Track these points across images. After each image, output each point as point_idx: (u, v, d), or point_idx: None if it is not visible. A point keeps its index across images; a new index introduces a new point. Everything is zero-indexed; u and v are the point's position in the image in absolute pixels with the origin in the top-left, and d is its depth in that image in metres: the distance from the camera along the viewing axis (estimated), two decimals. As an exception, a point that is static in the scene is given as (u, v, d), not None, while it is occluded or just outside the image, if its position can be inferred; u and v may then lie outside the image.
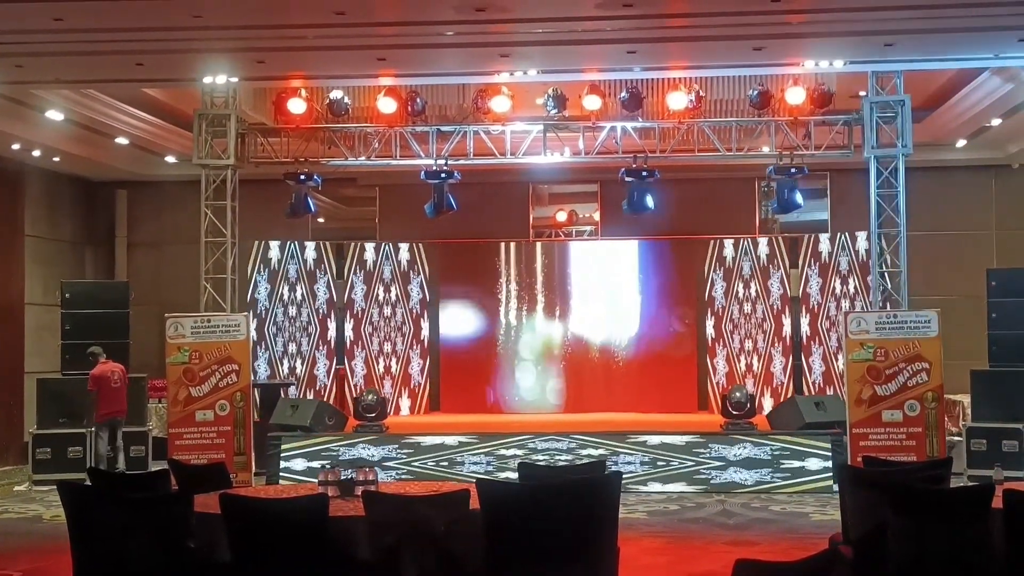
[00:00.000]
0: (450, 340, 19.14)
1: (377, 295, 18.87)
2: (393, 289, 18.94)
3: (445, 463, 14.54)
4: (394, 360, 18.83)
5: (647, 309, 18.92)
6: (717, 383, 18.36)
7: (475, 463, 14.50)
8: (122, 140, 17.53)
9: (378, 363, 18.74)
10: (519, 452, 14.43)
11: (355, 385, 18.43)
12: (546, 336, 18.92)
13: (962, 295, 17.02)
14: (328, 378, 18.56)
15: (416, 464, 14.54)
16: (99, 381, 14.41)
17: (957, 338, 15.02)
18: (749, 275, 18.51)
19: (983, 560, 6.48)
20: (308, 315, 18.51)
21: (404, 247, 19.02)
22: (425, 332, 19.02)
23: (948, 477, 8.06)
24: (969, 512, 6.59)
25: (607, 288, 19.01)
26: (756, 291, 18.44)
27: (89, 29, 11.45)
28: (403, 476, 14.32)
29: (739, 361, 18.43)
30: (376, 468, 8.36)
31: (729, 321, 18.56)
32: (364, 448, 14.69)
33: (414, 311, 18.98)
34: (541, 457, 14.40)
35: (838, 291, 17.98)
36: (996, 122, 16.76)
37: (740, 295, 18.51)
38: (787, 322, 18.30)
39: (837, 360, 17.36)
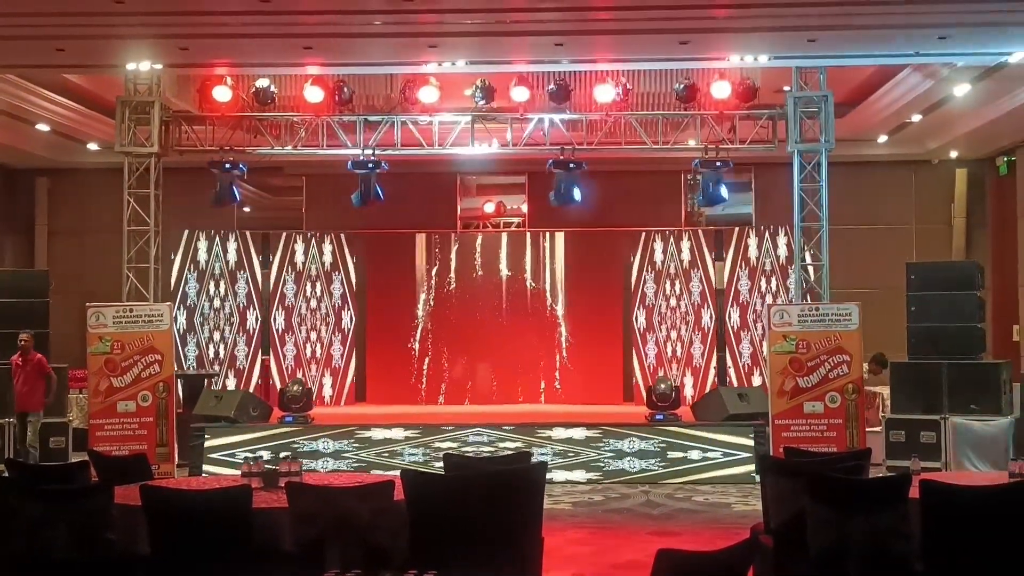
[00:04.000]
0: (376, 331, 19.07)
1: (303, 285, 18.76)
2: (319, 279, 18.83)
3: (372, 454, 14.50)
4: (320, 350, 18.73)
5: (574, 301, 18.99)
6: (642, 374, 18.45)
7: (406, 454, 14.47)
8: (43, 127, 17.26)
9: (304, 354, 18.63)
10: (451, 444, 14.42)
11: (282, 375, 18.31)
12: (472, 328, 18.91)
13: (882, 288, 17.29)
14: (253, 369, 18.41)
15: (349, 456, 14.51)
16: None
17: (877, 331, 15.24)
18: (675, 268, 18.63)
19: (900, 548, 6.59)
20: (232, 305, 18.36)
21: (331, 237, 18.90)
22: (351, 322, 18.92)
23: (867, 468, 8.18)
24: (886, 501, 6.71)
25: (534, 280, 19.05)
26: (681, 283, 18.58)
27: (9, 13, 11.24)
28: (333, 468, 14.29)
29: (664, 353, 18.55)
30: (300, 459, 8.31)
31: (655, 313, 18.68)
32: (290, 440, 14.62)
33: (340, 301, 18.88)
34: (451, 444, 14.39)
35: (761, 284, 18.19)
36: (916, 118, 17.05)
37: (666, 287, 18.63)
38: (712, 314, 18.47)
39: (760, 352, 17.56)
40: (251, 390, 17.65)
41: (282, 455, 10.16)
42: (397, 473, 6.92)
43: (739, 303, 18.38)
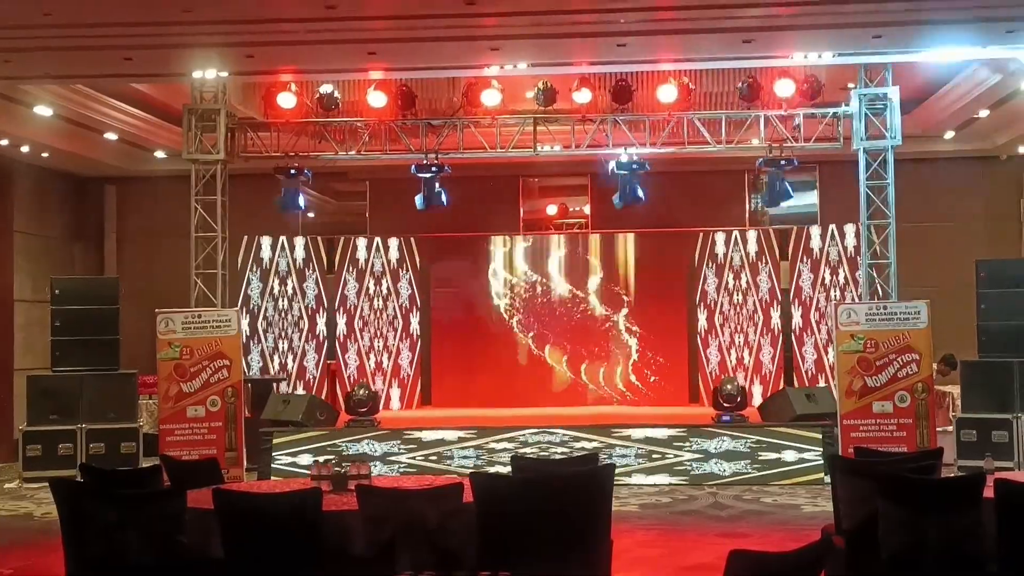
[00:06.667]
0: (441, 334, 19.12)
1: (368, 289, 18.85)
2: (384, 283, 18.92)
3: (435, 457, 14.54)
4: (385, 354, 18.81)
5: (638, 302, 18.92)
6: (708, 375, 18.36)
7: (465, 457, 14.50)
8: (111, 135, 17.52)
9: (369, 358, 18.72)
10: (510, 445, 14.43)
11: (347, 380, 18.41)
12: (537, 330, 18.91)
13: (951, 286, 17.04)
14: (319, 373, 18.53)
15: (407, 458, 14.55)
16: None
17: (946, 329, 15.05)
18: (739, 267, 18.52)
19: (974, 548, 6.51)
20: (299, 310, 18.49)
21: (394, 241, 18.98)
22: (416, 326, 19.00)
23: (939, 467, 8.08)
24: (961, 501, 6.62)
25: (598, 281, 19.01)
26: (746, 283, 18.46)
27: (78, 24, 11.41)
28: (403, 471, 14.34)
29: (730, 353, 18.44)
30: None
31: (720, 314, 18.57)
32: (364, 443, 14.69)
33: (405, 305, 18.96)
34: (532, 450, 14.40)
35: (828, 283, 18.02)
36: (984, 113, 16.83)
37: (730, 287, 18.52)
38: (777, 314, 18.32)
39: (827, 352, 17.40)
40: (319, 395, 17.78)
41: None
42: (467, 475, 6.94)
43: (805, 302, 18.21)
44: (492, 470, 13.77)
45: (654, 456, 14.34)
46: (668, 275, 19.03)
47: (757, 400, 17.23)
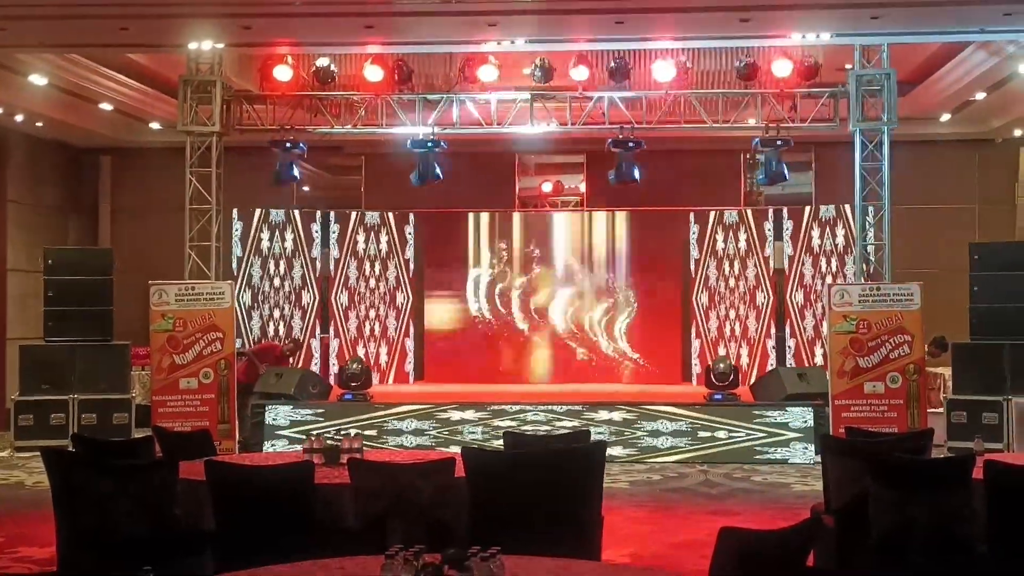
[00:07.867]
0: (434, 310, 19.13)
1: (361, 264, 18.83)
2: (378, 258, 18.90)
3: (433, 432, 14.59)
4: (378, 329, 18.81)
5: (632, 280, 18.94)
6: (701, 355, 18.38)
7: (467, 433, 14.55)
8: (106, 106, 17.44)
9: (362, 332, 18.72)
10: (500, 422, 14.46)
11: (339, 354, 18.41)
12: (531, 307, 18.92)
13: (944, 268, 17.06)
14: (312, 347, 18.53)
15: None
16: None
17: (939, 311, 15.08)
18: (733, 247, 18.52)
19: (963, 529, 6.53)
20: (292, 283, 18.47)
21: (389, 216, 18.95)
22: (409, 301, 18.99)
23: (929, 448, 8.11)
24: (950, 482, 6.64)
25: (592, 259, 19.01)
26: (740, 263, 18.46)
27: (74, -7, 11.38)
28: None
29: (723, 332, 18.46)
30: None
31: (713, 292, 18.57)
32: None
33: (398, 280, 18.94)
34: (509, 423, 14.37)
35: (821, 263, 18.03)
36: (980, 96, 16.81)
37: (724, 267, 18.53)
38: (770, 294, 18.34)
39: (820, 332, 17.42)
40: (310, 368, 17.78)
41: (343, 431, 10.21)
42: (458, 450, 6.96)
43: (798, 283, 18.22)
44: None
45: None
46: (662, 254, 19.05)
47: (749, 379, 17.25)
